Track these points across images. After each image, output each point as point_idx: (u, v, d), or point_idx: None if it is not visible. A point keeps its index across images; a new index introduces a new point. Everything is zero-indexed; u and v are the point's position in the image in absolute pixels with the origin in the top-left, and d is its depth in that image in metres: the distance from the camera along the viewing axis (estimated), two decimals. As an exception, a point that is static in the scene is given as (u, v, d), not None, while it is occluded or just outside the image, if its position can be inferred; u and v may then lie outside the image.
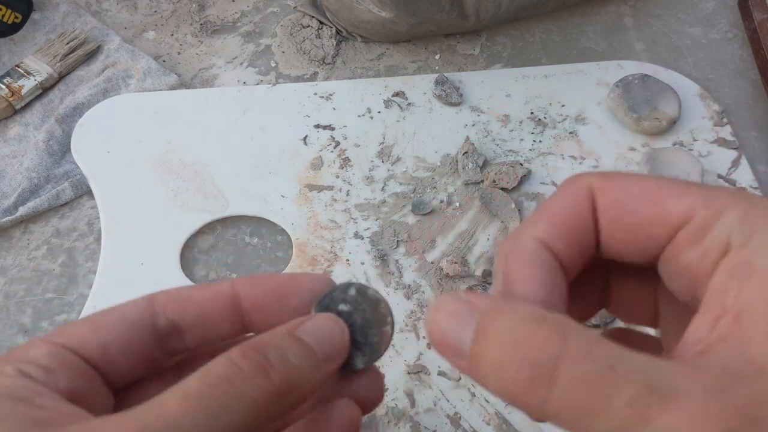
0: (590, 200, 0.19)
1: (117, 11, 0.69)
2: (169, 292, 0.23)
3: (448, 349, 0.17)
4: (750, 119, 0.60)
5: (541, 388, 0.15)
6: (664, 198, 0.18)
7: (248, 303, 0.23)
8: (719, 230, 0.17)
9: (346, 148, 0.58)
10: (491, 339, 0.16)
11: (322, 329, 0.21)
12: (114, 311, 0.22)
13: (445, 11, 0.61)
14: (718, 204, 0.17)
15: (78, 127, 0.58)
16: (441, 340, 0.17)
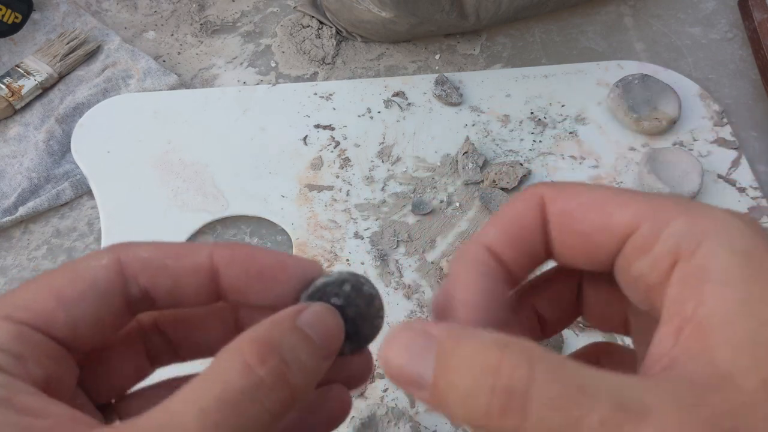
0: (540, 209, 0.20)
1: (117, 11, 0.69)
2: (139, 255, 0.20)
3: (407, 383, 0.17)
4: (750, 119, 0.60)
5: (514, 416, 0.15)
6: (610, 207, 0.18)
7: (228, 282, 0.21)
8: (666, 239, 0.17)
9: (346, 148, 0.58)
10: (455, 369, 0.16)
11: (322, 319, 0.20)
12: (78, 276, 0.20)
13: (445, 11, 0.61)
14: (663, 214, 0.17)
15: (78, 127, 0.58)
16: (399, 375, 0.17)
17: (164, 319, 0.23)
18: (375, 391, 0.45)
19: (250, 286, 0.21)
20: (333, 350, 0.20)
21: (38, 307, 0.19)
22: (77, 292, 0.19)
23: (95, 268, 0.20)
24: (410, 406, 0.45)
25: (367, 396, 0.45)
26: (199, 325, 0.23)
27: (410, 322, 0.17)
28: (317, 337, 0.19)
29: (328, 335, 0.20)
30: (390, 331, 0.18)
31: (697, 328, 0.16)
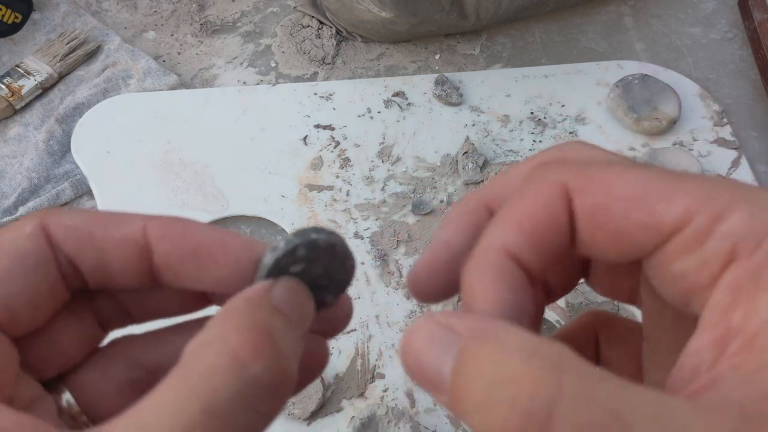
0: (566, 202, 0.17)
1: (117, 11, 0.69)
2: (64, 222, 0.18)
3: (425, 381, 0.15)
4: (750, 119, 0.60)
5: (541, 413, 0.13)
6: (653, 201, 0.15)
7: (160, 260, 0.18)
8: (721, 237, 0.15)
9: (346, 148, 0.58)
10: (473, 374, 0.14)
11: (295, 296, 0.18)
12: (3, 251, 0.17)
13: (445, 11, 0.61)
14: (718, 204, 0.15)
15: (78, 127, 0.58)
16: (417, 370, 0.15)
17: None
18: (375, 391, 0.45)
19: (184, 266, 0.18)
20: (307, 325, 0.18)
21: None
22: (4, 269, 0.17)
23: (20, 239, 0.17)
24: (410, 406, 0.45)
25: (367, 396, 0.45)
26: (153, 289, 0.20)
27: (436, 313, 0.15)
28: (294, 315, 0.17)
29: (302, 310, 0.18)
30: (413, 322, 0.16)
31: (749, 342, 0.13)
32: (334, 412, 0.45)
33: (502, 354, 0.13)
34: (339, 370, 0.46)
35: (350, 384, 0.46)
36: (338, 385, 0.46)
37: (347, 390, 0.46)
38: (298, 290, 0.18)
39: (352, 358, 0.47)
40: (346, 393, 0.45)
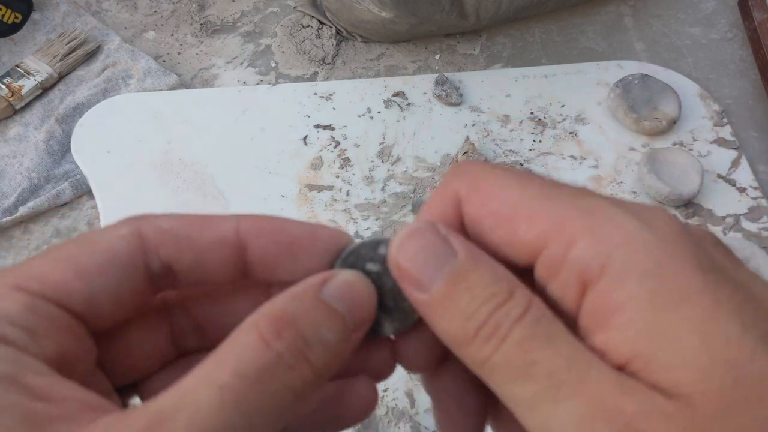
0: (457, 211, 0.19)
1: (117, 11, 0.69)
2: (160, 226, 0.19)
3: (410, 280, 0.17)
4: (750, 119, 0.60)
5: (490, 346, 0.16)
6: (517, 221, 0.17)
7: (255, 256, 0.19)
8: (571, 265, 0.16)
9: (346, 148, 0.58)
10: (464, 289, 0.17)
11: (351, 291, 0.18)
12: (96, 247, 0.18)
13: (445, 11, 0.61)
14: (568, 231, 0.16)
15: (78, 127, 0.58)
16: (407, 268, 0.17)
17: (190, 297, 0.21)
18: (375, 391, 0.45)
19: (280, 259, 0.19)
20: (362, 325, 0.18)
21: (54, 278, 0.17)
22: (95, 264, 0.18)
23: (114, 239, 0.18)
24: (410, 406, 0.45)
25: (367, 396, 0.45)
26: (229, 305, 0.21)
27: (434, 223, 0.18)
28: (345, 311, 0.18)
29: (357, 304, 0.18)
30: (412, 224, 0.18)
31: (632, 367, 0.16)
32: (334, 412, 0.45)
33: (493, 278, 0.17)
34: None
35: (350, 384, 0.46)
36: (338, 385, 0.46)
37: (347, 390, 0.46)
38: (355, 284, 0.18)
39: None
40: (346, 393, 0.45)
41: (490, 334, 0.16)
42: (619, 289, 0.15)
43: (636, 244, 0.16)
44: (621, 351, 0.15)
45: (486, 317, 0.16)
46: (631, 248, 0.16)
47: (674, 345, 0.15)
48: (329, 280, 0.18)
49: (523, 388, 0.16)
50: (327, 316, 0.17)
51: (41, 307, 0.17)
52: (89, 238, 0.18)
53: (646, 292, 0.15)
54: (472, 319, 0.16)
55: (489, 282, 0.17)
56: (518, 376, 0.16)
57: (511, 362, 0.16)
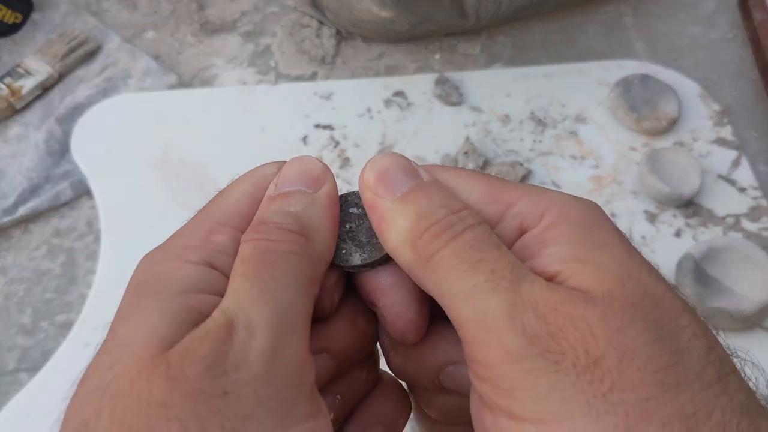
0: None
1: (117, 11, 0.69)
2: None
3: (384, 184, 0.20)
4: (750, 119, 0.60)
5: (440, 241, 0.18)
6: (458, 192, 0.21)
7: None
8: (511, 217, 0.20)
9: (346, 148, 0.58)
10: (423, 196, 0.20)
11: (293, 169, 0.21)
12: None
13: (445, 11, 0.61)
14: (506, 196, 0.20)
15: (78, 127, 0.58)
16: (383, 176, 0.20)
17: None
18: (375, 391, 0.45)
19: None
20: (320, 179, 0.21)
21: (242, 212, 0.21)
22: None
23: None
24: (410, 406, 0.45)
25: (367, 396, 0.45)
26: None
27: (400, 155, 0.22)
28: (299, 185, 0.21)
29: (305, 173, 0.21)
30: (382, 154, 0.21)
31: None
32: (334, 412, 0.45)
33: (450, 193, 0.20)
34: (339, 370, 0.46)
35: (350, 384, 0.46)
36: (338, 385, 0.46)
37: (347, 390, 0.46)
38: (294, 163, 0.22)
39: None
40: (346, 393, 0.45)
41: (442, 231, 0.18)
42: (552, 230, 0.19)
43: (568, 206, 0.19)
44: (549, 270, 0.18)
45: (440, 217, 0.19)
46: (564, 207, 0.19)
47: (595, 265, 0.18)
48: (279, 176, 0.21)
49: (465, 280, 0.18)
50: (283, 199, 0.20)
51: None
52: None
53: (574, 234, 0.18)
54: (426, 217, 0.19)
55: (447, 196, 0.20)
56: (464, 270, 0.18)
57: (459, 256, 0.18)
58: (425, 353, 0.21)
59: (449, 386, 0.21)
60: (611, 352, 0.16)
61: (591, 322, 0.16)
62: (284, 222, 0.19)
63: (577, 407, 0.15)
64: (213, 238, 0.20)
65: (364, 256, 0.21)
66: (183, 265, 0.19)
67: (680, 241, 0.52)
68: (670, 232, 0.52)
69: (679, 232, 0.53)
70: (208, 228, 0.21)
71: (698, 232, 0.52)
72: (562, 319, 0.16)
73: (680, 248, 0.49)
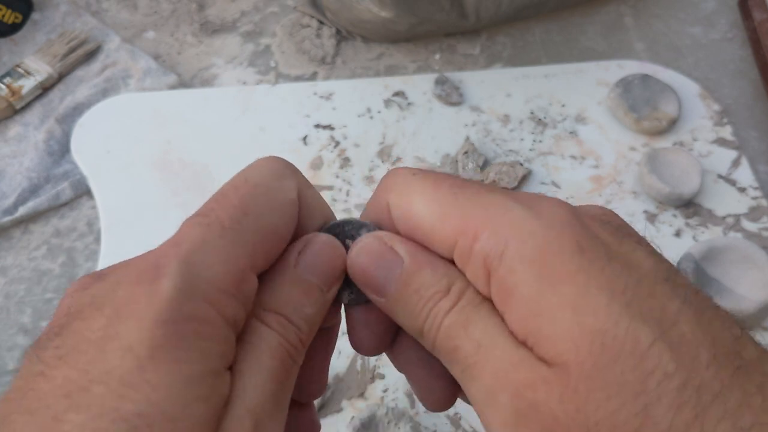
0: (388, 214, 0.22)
1: (117, 11, 0.69)
2: None
3: (369, 287, 0.21)
4: (750, 119, 0.60)
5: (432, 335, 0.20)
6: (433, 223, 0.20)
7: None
8: (476, 256, 0.19)
9: (346, 147, 0.58)
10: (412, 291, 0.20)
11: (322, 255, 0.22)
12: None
13: (445, 11, 0.61)
14: (471, 227, 0.19)
15: (78, 127, 0.58)
16: (363, 278, 0.21)
17: None
18: (375, 391, 0.45)
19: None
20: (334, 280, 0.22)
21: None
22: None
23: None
24: (410, 407, 0.45)
25: (367, 396, 0.45)
26: None
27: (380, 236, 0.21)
28: (319, 279, 0.21)
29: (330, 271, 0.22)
30: (361, 239, 0.22)
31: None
32: (334, 412, 0.45)
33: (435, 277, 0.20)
34: (339, 371, 0.46)
35: (350, 384, 0.46)
36: (338, 385, 0.46)
37: (347, 390, 0.46)
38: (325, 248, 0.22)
39: (351, 359, 0.47)
40: (346, 393, 0.45)
41: (430, 326, 0.20)
42: (512, 275, 0.18)
43: (524, 234, 0.18)
44: (518, 329, 0.18)
45: (427, 313, 0.20)
46: (520, 238, 0.18)
47: (553, 322, 0.17)
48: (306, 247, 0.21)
49: (453, 369, 0.19)
50: (304, 293, 0.21)
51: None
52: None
53: (531, 277, 0.18)
54: (419, 317, 0.20)
55: (430, 282, 0.20)
56: (450, 359, 0.19)
57: (444, 348, 0.19)
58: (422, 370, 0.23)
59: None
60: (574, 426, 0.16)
61: (552, 406, 0.16)
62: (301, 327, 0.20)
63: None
64: (245, 288, 0.19)
65: (352, 297, 0.23)
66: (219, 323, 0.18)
67: (680, 241, 0.52)
68: (670, 232, 0.53)
69: (679, 232, 0.53)
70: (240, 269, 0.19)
71: (698, 232, 0.52)
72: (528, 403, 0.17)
73: (680, 248, 0.49)
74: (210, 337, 0.17)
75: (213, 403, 0.17)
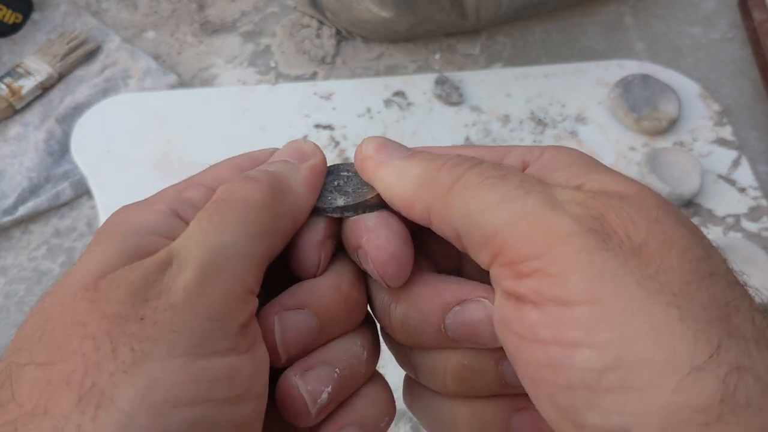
0: None
1: (117, 11, 0.69)
2: None
3: (386, 151, 0.21)
4: (750, 119, 0.60)
5: (463, 168, 0.19)
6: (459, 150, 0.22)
7: None
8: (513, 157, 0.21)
9: (346, 148, 0.58)
10: (428, 152, 0.21)
11: (287, 147, 0.23)
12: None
13: (445, 11, 0.61)
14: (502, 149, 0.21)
15: (78, 127, 0.58)
16: (383, 146, 0.21)
17: None
18: (375, 391, 0.45)
19: None
20: (307, 154, 0.22)
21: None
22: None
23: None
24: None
25: (367, 396, 0.45)
26: None
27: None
28: (286, 156, 0.22)
29: (295, 149, 0.23)
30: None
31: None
32: (334, 412, 0.45)
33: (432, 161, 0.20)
34: (339, 370, 0.46)
35: (350, 384, 0.46)
36: (338, 385, 0.46)
37: (347, 390, 0.46)
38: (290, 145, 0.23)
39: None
40: (346, 393, 0.45)
41: (461, 161, 0.19)
42: (557, 159, 0.21)
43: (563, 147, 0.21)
44: (571, 184, 0.19)
45: (452, 157, 0.20)
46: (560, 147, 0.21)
47: (612, 177, 0.19)
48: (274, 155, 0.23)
49: (496, 190, 0.18)
50: (267, 164, 0.22)
51: None
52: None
53: (579, 160, 0.21)
54: (438, 158, 0.20)
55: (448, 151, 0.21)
56: (492, 183, 0.18)
57: (483, 174, 0.19)
58: (428, 295, 0.21)
59: (456, 334, 0.20)
60: (652, 240, 0.17)
61: (630, 212, 0.17)
62: (255, 175, 0.20)
63: (629, 286, 0.16)
64: (185, 193, 0.21)
65: (348, 199, 0.22)
66: (148, 213, 0.20)
67: (680, 241, 0.52)
68: (670, 232, 0.52)
69: (679, 232, 0.53)
70: (184, 185, 0.21)
71: (698, 232, 0.52)
72: (602, 207, 0.17)
73: (680, 248, 0.49)
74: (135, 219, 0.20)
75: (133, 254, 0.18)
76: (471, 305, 0.20)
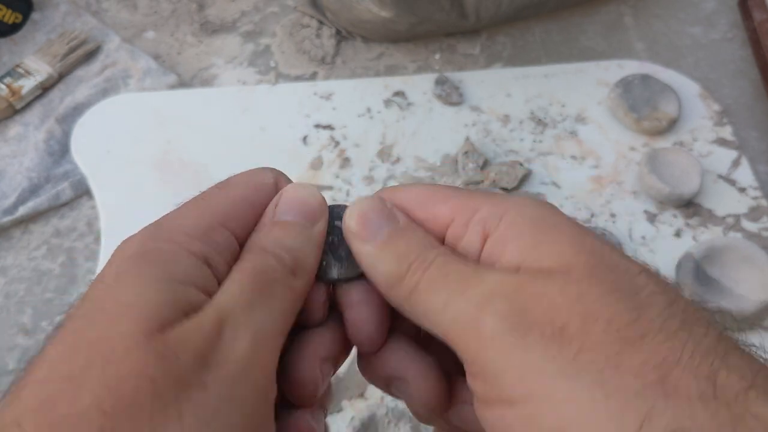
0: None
1: (117, 11, 0.69)
2: None
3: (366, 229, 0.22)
4: (750, 119, 0.60)
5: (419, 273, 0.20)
6: (432, 203, 0.22)
7: None
8: (475, 225, 0.21)
9: (346, 148, 0.58)
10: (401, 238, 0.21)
11: (295, 198, 0.23)
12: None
13: (445, 10, 0.61)
14: (472, 205, 0.21)
15: (78, 127, 0.58)
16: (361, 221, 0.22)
17: None
18: (375, 391, 0.45)
19: None
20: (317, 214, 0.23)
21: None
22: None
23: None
24: (410, 406, 0.45)
25: (367, 396, 0.45)
26: None
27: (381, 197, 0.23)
28: (296, 213, 0.22)
29: (304, 204, 0.23)
30: (362, 197, 0.23)
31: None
32: (334, 412, 0.45)
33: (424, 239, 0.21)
34: (339, 371, 0.46)
35: (350, 384, 0.46)
36: (338, 385, 0.46)
37: (347, 390, 0.46)
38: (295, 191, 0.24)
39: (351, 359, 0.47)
40: (346, 393, 0.45)
41: (419, 265, 0.20)
42: (511, 228, 0.20)
43: (524, 205, 0.21)
44: (513, 263, 0.19)
45: (417, 255, 0.21)
46: (520, 207, 0.21)
47: (550, 245, 0.19)
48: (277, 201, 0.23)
49: (439, 295, 0.19)
50: (282, 230, 0.22)
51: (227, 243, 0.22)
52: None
53: (531, 225, 0.20)
54: (406, 257, 0.21)
55: (421, 236, 0.21)
56: (438, 287, 0.20)
57: (433, 279, 0.20)
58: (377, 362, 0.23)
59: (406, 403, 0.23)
60: (574, 318, 0.17)
61: (552, 295, 0.17)
62: (282, 255, 0.21)
63: (552, 377, 0.16)
64: (213, 237, 0.21)
65: (341, 271, 0.23)
66: (185, 254, 0.20)
67: (680, 241, 0.52)
68: (670, 232, 0.52)
69: (679, 232, 0.53)
70: (208, 224, 0.21)
71: (698, 232, 0.52)
72: (528, 298, 0.18)
73: (680, 248, 0.49)
74: (173, 258, 0.19)
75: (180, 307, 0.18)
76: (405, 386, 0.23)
